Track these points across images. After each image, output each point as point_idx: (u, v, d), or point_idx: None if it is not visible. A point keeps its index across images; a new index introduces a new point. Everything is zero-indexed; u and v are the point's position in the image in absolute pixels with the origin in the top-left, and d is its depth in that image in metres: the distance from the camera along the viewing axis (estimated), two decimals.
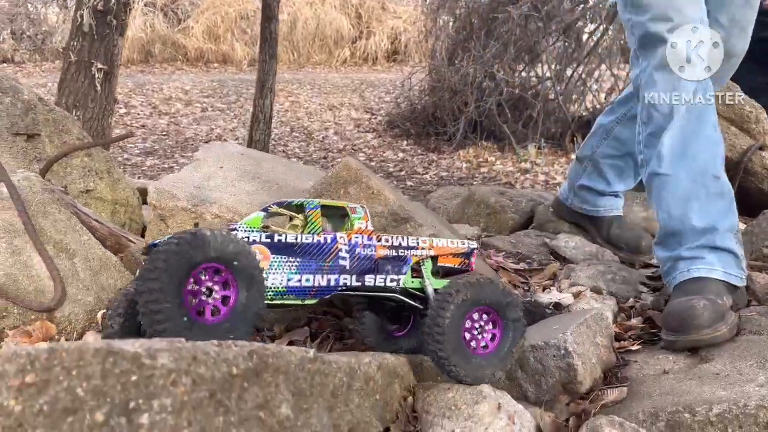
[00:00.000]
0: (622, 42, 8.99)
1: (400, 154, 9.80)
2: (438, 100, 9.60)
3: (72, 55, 5.05)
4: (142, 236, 3.01)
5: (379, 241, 1.83)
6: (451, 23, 9.92)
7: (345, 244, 1.77)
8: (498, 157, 8.91)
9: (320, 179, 2.09)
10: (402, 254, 1.84)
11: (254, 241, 1.69)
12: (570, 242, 2.77)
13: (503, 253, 2.79)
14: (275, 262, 1.67)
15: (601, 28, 8.98)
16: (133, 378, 0.78)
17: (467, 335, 1.64)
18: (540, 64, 9.21)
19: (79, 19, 5.07)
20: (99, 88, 5.09)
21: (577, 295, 2.23)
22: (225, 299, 1.51)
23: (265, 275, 1.62)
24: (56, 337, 2.08)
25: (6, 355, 0.80)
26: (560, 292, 2.33)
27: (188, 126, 10.84)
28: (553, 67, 9.10)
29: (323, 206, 1.85)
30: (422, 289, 1.82)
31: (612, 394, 1.65)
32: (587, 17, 9.45)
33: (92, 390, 0.77)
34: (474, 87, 8.64)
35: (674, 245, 2.08)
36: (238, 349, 0.97)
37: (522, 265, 2.69)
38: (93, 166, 3.17)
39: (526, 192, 3.45)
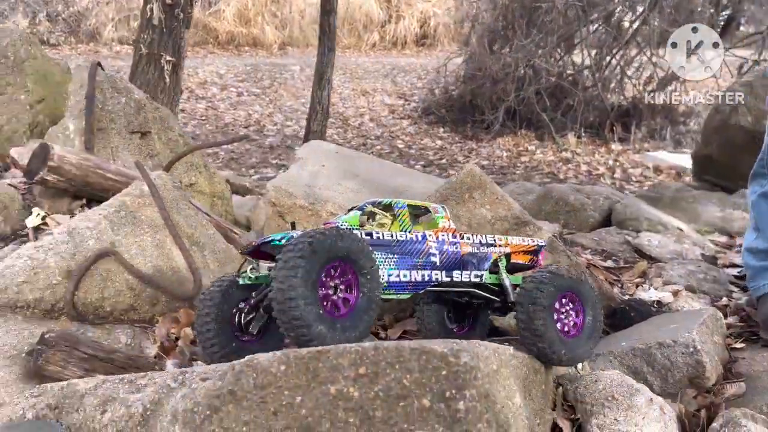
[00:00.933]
0: (662, 29, 9.01)
1: (438, 142, 9.95)
2: (476, 88, 9.70)
3: (142, 48, 5.24)
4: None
5: (462, 238, 1.96)
6: (488, 12, 9.98)
7: (434, 242, 1.87)
8: (537, 146, 9.03)
9: (444, 184, 2.26)
10: (483, 251, 1.96)
11: None
12: (653, 240, 2.93)
13: (589, 250, 2.95)
14: (376, 258, 1.74)
15: (642, 16, 8.99)
16: (443, 372, 0.97)
17: (558, 322, 1.78)
18: (579, 53, 9.27)
19: (149, 13, 5.25)
20: (168, 79, 5.29)
21: (675, 294, 2.40)
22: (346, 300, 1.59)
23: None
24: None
25: (336, 351, 1.00)
26: (656, 290, 2.49)
27: (226, 111, 11.03)
28: (593, 55, 9.15)
29: (409, 206, 1.94)
30: (498, 284, 1.94)
31: (731, 389, 1.83)
32: (627, 5, 9.46)
33: (414, 381, 0.96)
34: (515, 76, 8.73)
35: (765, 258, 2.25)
36: (501, 348, 1.18)
37: (609, 263, 2.86)
38: (193, 161, 3.37)
39: (602, 189, 3.60)
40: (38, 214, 2.74)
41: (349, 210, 1.99)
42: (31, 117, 3.29)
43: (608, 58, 9.21)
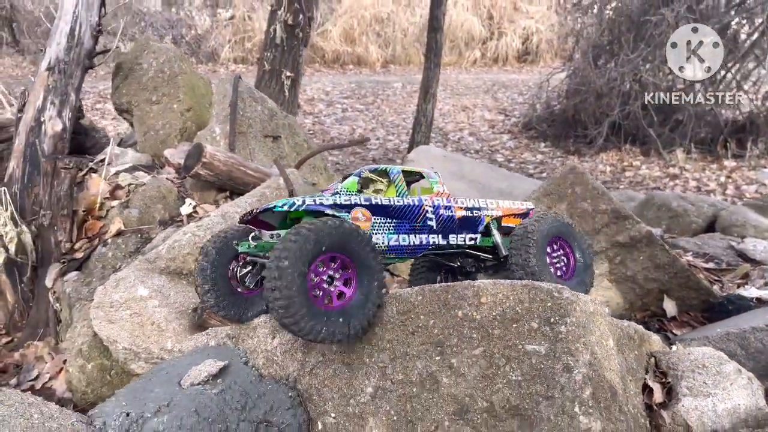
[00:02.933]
0: None
1: (539, 156, 10.01)
2: (580, 103, 9.71)
3: (266, 64, 5.85)
4: None
5: (457, 203, 2.06)
6: (594, 26, 9.98)
7: (430, 206, 2.00)
8: (643, 161, 8.90)
9: (547, 180, 2.51)
10: (476, 215, 2.09)
11: (356, 204, 1.88)
12: (759, 246, 3.00)
13: (690, 252, 3.06)
14: (376, 223, 1.88)
15: (761, 28, 8.68)
16: (549, 304, 1.24)
17: (551, 266, 1.93)
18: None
19: (272, 33, 5.85)
20: (287, 93, 5.86)
21: None
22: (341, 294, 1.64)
23: (369, 235, 1.77)
24: None
25: (462, 285, 1.31)
26: (758, 289, 2.59)
27: (332, 126, 11.68)
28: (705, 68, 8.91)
29: (404, 171, 2.09)
30: (491, 245, 2.09)
31: None
32: (744, 17, 9.16)
33: (525, 309, 1.25)
34: (621, 90, 8.69)
35: None
36: (597, 300, 1.45)
37: (711, 265, 2.96)
38: (316, 163, 3.81)
39: (705, 197, 3.66)
40: (190, 203, 3.26)
41: (346, 177, 2.10)
42: (181, 123, 3.86)
43: (723, 72, 8.95)
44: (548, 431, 1.16)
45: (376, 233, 1.88)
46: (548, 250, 1.99)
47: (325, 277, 1.63)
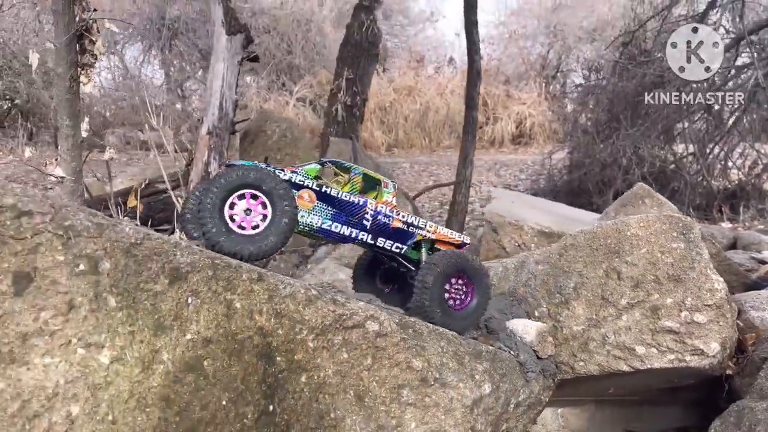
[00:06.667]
0: (762, 119, 10.09)
1: None
2: (583, 175, 10.97)
3: (329, 138, 6.97)
4: None
5: (398, 215, 2.41)
6: (595, 106, 11.44)
7: (371, 209, 2.36)
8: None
9: (623, 196, 3.52)
10: (411, 230, 2.45)
11: (306, 186, 2.26)
12: None
13: None
14: (318, 206, 2.27)
15: (742, 107, 10.14)
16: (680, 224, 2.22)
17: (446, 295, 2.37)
18: (683, 141, 10.45)
19: (334, 112, 7.02)
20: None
21: None
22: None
23: (306, 213, 2.21)
24: None
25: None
26: None
27: None
28: (694, 143, 10.30)
29: (365, 174, 2.45)
30: (419, 260, 2.46)
31: None
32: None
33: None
34: (624, 162, 9.97)
35: None
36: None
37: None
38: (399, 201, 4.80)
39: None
40: None
41: (312, 162, 2.48)
42: None
43: (711, 145, 10.32)
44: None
45: (313, 214, 2.25)
46: (450, 281, 2.34)
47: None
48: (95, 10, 3.17)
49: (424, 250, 2.48)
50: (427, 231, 2.47)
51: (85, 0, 3.15)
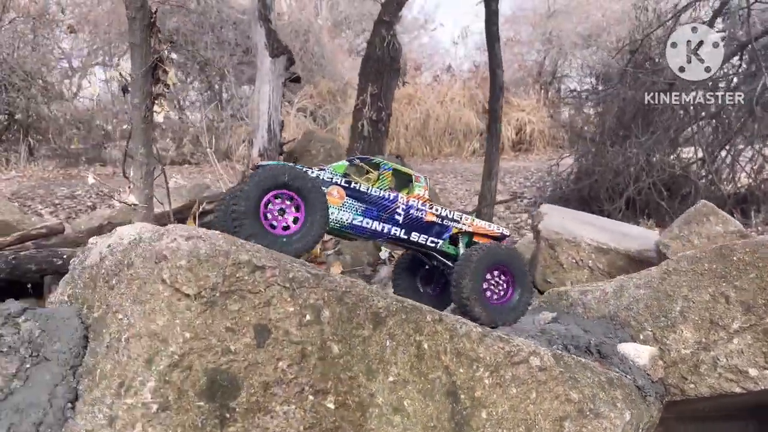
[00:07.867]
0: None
1: None
2: (594, 182, 11.10)
3: (356, 152, 7.02)
4: None
5: (431, 208, 2.36)
6: (600, 114, 11.60)
7: (403, 204, 2.32)
8: (660, 232, 10.21)
9: (686, 213, 3.61)
10: (446, 224, 2.40)
11: (336, 183, 2.25)
12: None
13: None
14: (347, 202, 2.25)
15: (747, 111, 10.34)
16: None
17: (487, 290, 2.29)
18: (693, 147, 10.63)
19: (360, 128, 7.08)
20: None
21: None
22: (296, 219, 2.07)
23: (336, 209, 2.16)
24: None
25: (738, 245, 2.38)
26: None
27: None
28: (704, 148, 10.48)
29: (395, 170, 2.42)
30: (457, 255, 2.38)
31: None
32: (735, 103, 10.87)
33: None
34: (636, 168, 10.12)
35: None
36: None
37: None
38: None
39: None
40: (385, 250, 4.26)
41: (341, 161, 2.49)
42: None
43: (718, 150, 10.51)
44: None
45: (344, 210, 2.22)
46: (487, 276, 2.28)
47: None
48: (171, 42, 3.20)
49: (461, 244, 2.45)
50: (463, 224, 2.42)
51: (160, 32, 3.21)
